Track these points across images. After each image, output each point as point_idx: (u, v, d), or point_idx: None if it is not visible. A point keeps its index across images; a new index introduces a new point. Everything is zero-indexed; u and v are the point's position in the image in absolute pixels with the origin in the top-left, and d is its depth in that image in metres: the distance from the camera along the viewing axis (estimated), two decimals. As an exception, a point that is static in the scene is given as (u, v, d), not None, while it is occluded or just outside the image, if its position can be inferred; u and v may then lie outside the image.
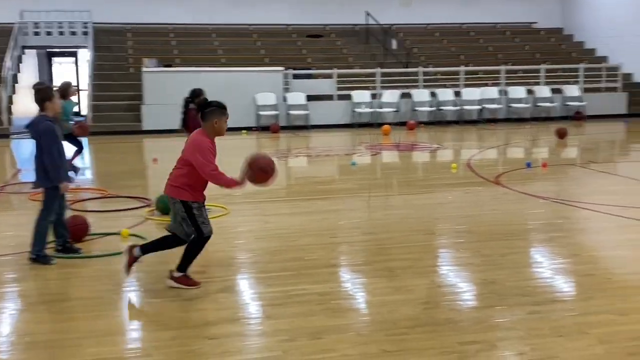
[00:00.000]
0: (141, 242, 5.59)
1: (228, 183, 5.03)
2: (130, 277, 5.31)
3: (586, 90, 19.69)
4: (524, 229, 7.07)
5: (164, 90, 16.74)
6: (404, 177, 10.81)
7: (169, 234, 5.25)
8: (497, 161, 12.68)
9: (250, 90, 17.77)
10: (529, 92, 19.24)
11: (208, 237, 5.12)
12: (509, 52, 22.07)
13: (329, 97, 18.64)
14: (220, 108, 5.09)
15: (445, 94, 18.91)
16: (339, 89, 18.62)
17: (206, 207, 5.23)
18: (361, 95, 18.53)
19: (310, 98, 18.16)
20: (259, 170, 5.02)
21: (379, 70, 19.06)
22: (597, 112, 19.12)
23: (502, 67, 19.70)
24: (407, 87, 19.10)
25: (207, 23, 21.52)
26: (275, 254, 6.14)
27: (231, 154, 7.14)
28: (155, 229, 6.97)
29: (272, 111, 17.84)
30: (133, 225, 7.17)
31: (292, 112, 18.02)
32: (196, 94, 7.81)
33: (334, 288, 5.24)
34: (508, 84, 19.46)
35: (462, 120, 18.60)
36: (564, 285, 5.31)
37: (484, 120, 18.69)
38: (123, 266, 5.21)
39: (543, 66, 19.94)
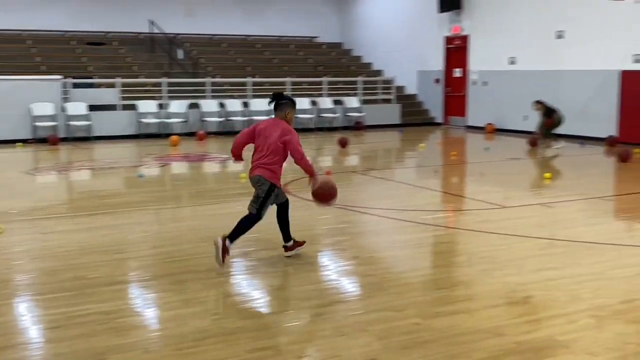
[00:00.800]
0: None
1: (310, 169, 6.03)
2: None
3: (365, 101, 20.92)
4: (310, 234, 7.32)
5: None
6: (194, 188, 10.72)
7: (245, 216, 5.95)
8: (284, 170, 12.99)
9: (25, 99, 16.60)
10: (313, 103, 20.03)
11: (259, 219, 5.97)
12: (294, 64, 22.82)
13: (112, 107, 17.97)
14: (292, 102, 6.03)
15: (234, 104, 19.08)
16: (124, 98, 18.04)
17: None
18: (147, 105, 18.10)
19: (92, 108, 17.37)
20: (325, 194, 6.03)
21: (165, 80, 18.77)
22: (375, 122, 20.39)
23: (288, 79, 20.32)
24: (195, 97, 19.00)
25: (-27, 27, 19.79)
26: (54, 274, 5.79)
27: (3, 167, 6.61)
28: None
29: (50, 122, 16.82)
30: None
31: (72, 122, 17.11)
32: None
33: (120, 306, 5.05)
34: (293, 96, 20.02)
35: (250, 131, 18.87)
36: (347, 287, 5.59)
37: (271, 130, 19.10)
38: (216, 257, 5.72)
39: (325, 79, 20.88)
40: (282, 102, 6.03)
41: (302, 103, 19.83)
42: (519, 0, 18.14)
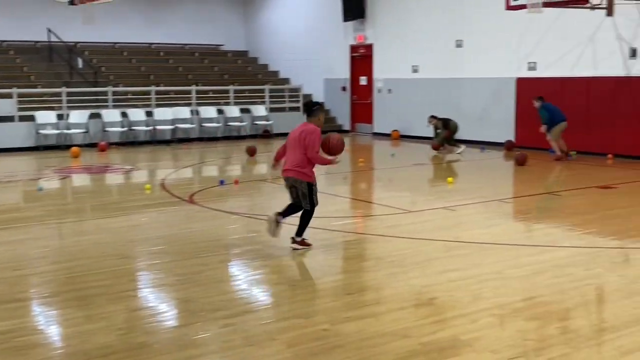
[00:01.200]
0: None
1: (323, 162, 6.73)
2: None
3: (272, 109, 20.93)
4: (219, 245, 7.26)
5: None
6: (97, 201, 10.41)
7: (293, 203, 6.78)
8: (191, 180, 12.86)
9: None
10: (220, 111, 19.87)
11: (314, 207, 6.77)
12: (199, 72, 22.57)
13: (9, 119, 17.22)
14: (322, 106, 6.86)
15: (137, 114, 18.66)
16: (20, 109, 17.32)
17: None
18: (46, 116, 17.44)
19: (-13, 119, 16.62)
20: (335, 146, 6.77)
21: (64, 89, 18.14)
22: (283, 130, 20.35)
23: (193, 88, 20.07)
24: (96, 107, 18.47)
25: None
26: (-53, 295, 5.48)
27: None
28: None
29: (-58, 135, 15.95)
30: None
31: (-35, 135, 16.29)
32: None
33: (19, 324, 4.83)
34: (199, 104, 19.88)
35: (156, 140, 18.54)
36: (257, 296, 5.57)
37: (177, 140, 18.83)
38: (269, 230, 6.68)
39: (232, 87, 20.76)
40: (314, 108, 6.80)
41: (209, 112, 19.66)
42: (420, 10, 18.64)
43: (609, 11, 13.31)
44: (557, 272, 6.00)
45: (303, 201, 6.73)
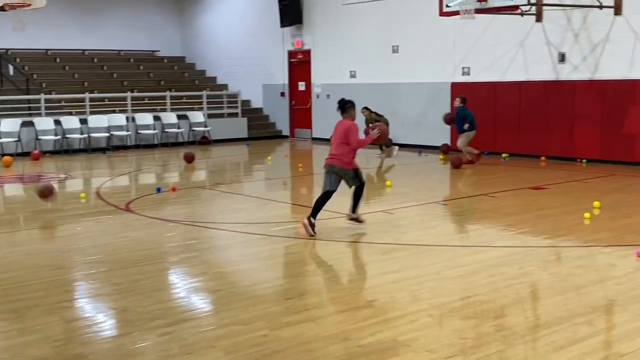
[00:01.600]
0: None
1: (366, 142, 7.97)
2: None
3: (210, 116, 20.77)
4: (156, 253, 7.15)
5: None
6: (30, 211, 10.11)
7: (322, 196, 7.82)
8: (128, 188, 12.65)
9: None
10: (156, 118, 19.61)
11: (364, 185, 8.02)
12: (135, 79, 22.23)
13: (-64, 128, 16.61)
14: (353, 103, 7.92)
15: (71, 121, 18.24)
16: (-52, 118, 16.74)
17: None
18: (-24, 125, 16.89)
19: None
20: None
21: (-5, 97, 17.62)
22: (221, 136, 20.30)
23: (129, 94, 19.75)
24: (28, 115, 17.98)
25: None
26: None
27: None
28: None
29: None
30: None
31: None
32: None
33: (-53, 340, 4.66)
34: (135, 111, 19.57)
35: (91, 148, 18.15)
36: (195, 303, 5.51)
37: (112, 147, 18.49)
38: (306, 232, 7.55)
39: (168, 93, 20.52)
40: (347, 106, 7.83)
41: (145, 118, 19.38)
42: (357, 16, 18.83)
43: (538, 17, 13.72)
44: (491, 271, 6.14)
45: (353, 181, 7.93)
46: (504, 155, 14.47)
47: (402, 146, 16.09)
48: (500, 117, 14.25)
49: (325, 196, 7.84)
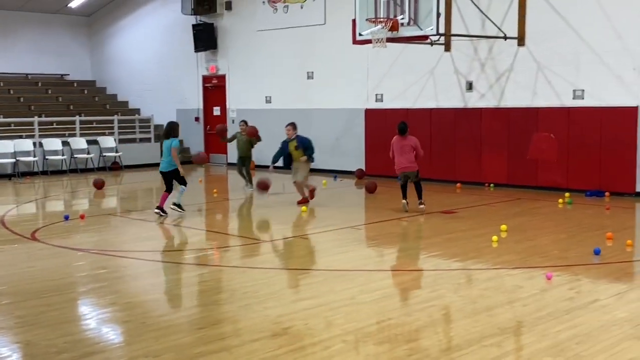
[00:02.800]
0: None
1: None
2: None
3: (122, 141, 20.32)
4: (63, 283, 6.89)
5: None
6: None
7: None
8: (34, 216, 12.17)
9: None
10: (65, 143, 19.00)
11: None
12: (43, 103, 21.52)
13: None
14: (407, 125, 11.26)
15: (-26, 147, 17.46)
16: None
17: None
18: None
19: None
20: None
21: None
22: (134, 162, 19.88)
23: (36, 119, 19.09)
24: None
25: None
26: None
27: None
28: None
29: None
30: None
31: None
32: None
33: None
34: (43, 136, 18.92)
35: (-5, 175, 17.40)
36: (104, 335, 5.33)
37: (19, 173, 17.78)
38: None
39: (78, 117, 19.96)
40: (407, 128, 11.14)
41: (53, 144, 18.75)
42: (272, 41, 18.92)
43: (447, 47, 14.20)
44: (404, 295, 6.24)
45: (416, 178, 11.03)
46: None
47: (318, 171, 16.18)
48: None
49: (420, 184, 11.23)
